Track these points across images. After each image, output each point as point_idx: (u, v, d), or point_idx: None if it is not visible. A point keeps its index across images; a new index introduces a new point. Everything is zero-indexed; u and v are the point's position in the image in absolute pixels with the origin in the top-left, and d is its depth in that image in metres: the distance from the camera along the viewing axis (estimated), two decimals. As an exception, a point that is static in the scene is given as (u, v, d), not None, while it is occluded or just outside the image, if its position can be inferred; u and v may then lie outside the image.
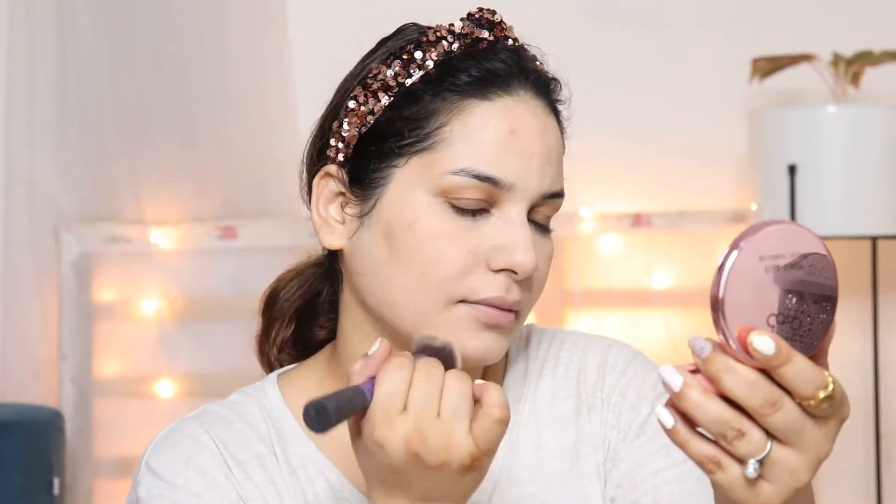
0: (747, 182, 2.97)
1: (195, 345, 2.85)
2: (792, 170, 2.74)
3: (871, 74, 2.92)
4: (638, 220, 3.03)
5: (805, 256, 0.92)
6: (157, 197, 2.88)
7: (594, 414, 1.27)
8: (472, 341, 1.17)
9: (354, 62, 1.31)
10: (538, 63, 1.23)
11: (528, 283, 1.18)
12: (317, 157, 1.24)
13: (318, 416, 0.99)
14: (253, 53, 2.94)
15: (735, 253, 0.91)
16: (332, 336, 1.29)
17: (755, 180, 2.86)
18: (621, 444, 1.25)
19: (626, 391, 1.27)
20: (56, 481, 2.58)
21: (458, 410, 1.04)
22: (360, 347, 1.19)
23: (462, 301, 1.17)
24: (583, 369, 1.29)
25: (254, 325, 1.36)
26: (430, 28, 1.22)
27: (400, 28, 1.24)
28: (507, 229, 1.16)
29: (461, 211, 1.17)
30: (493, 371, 1.28)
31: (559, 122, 1.23)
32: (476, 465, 1.05)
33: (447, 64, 1.18)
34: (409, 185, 1.18)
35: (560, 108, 1.23)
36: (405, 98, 1.18)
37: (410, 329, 1.18)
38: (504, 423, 1.05)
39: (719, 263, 0.91)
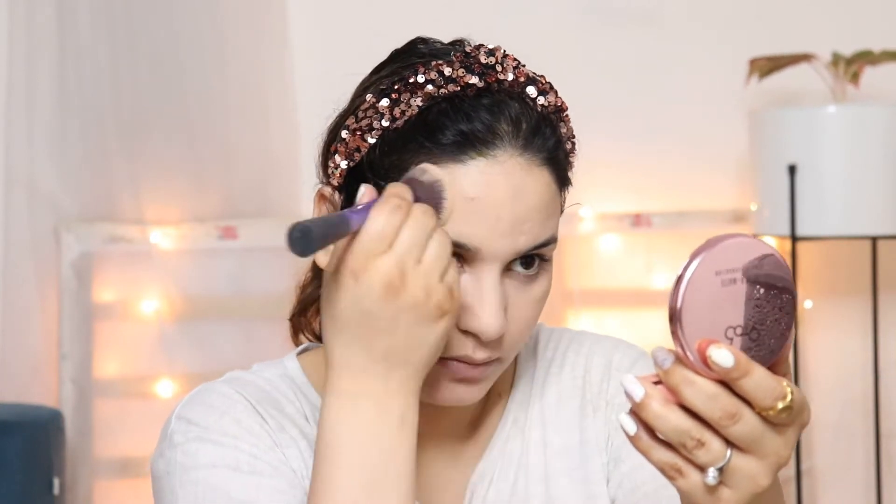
0: (747, 182, 2.97)
1: (195, 345, 2.84)
2: (792, 170, 2.74)
3: (870, 74, 2.92)
4: (638, 220, 3.03)
5: (764, 257, 0.93)
6: (157, 197, 2.88)
7: (599, 414, 1.28)
8: (444, 392, 1.17)
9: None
10: (532, 104, 1.16)
11: (507, 333, 1.16)
12: (322, 170, 1.23)
13: (302, 238, 0.96)
14: (253, 54, 2.94)
15: (693, 266, 0.92)
16: None
17: (755, 180, 2.86)
18: (624, 444, 1.25)
19: None
20: (56, 481, 2.58)
21: (439, 258, 1.05)
22: None
23: None
24: (588, 369, 1.30)
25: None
26: (425, 61, 1.17)
27: (409, 44, 1.21)
28: (476, 291, 1.14)
29: None
30: (502, 379, 1.28)
31: (554, 164, 1.17)
32: (449, 310, 1.05)
33: (430, 112, 1.15)
34: None
35: (555, 148, 1.16)
36: (387, 143, 1.16)
37: None
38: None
39: (677, 276, 0.92)
